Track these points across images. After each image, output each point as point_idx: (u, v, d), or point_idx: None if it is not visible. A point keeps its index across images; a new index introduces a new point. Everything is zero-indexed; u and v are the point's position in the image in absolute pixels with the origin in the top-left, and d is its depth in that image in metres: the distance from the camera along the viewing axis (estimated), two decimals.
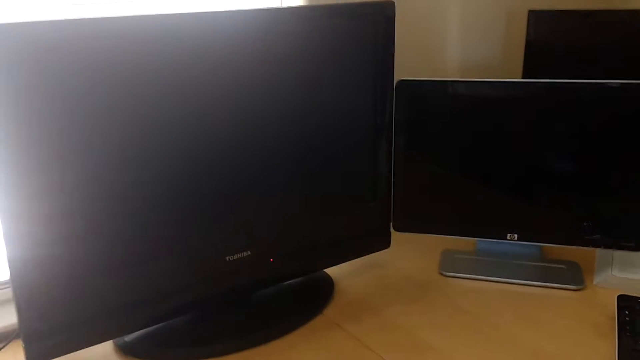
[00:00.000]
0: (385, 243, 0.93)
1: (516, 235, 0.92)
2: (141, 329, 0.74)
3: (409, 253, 1.02)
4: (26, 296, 0.64)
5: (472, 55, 1.12)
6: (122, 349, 0.76)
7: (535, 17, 1.04)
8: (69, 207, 0.64)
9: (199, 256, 0.75)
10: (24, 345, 0.65)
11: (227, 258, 0.77)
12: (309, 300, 0.85)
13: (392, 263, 0.98)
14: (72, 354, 0.70)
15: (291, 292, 0.87)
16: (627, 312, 0.77)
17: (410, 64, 1.03)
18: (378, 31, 0.81)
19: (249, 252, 0.78)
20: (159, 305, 0.73)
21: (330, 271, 0.94)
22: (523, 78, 1.07)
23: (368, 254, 0.92)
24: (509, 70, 1.13)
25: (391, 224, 0.94)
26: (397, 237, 0.95)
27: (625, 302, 0.80)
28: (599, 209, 0.87)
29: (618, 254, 0.93)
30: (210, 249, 0.75)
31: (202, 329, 0.79)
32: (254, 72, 0.72)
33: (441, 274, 0.94)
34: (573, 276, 0.91)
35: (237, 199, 0.76)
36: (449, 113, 0.90)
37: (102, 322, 0.70)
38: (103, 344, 0.75)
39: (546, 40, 1.05)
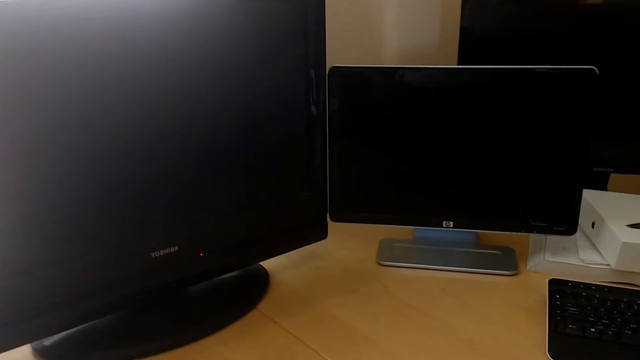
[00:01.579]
0: (322, 234, 0.91)
1: (452, 223, 0.92)
2: (61, 331, 0.70)
3: (347, 243, 1.00)
4: None
5: (409, 41, 1.11)
6: (40, 353, 0.71)
7: (470, 4, 1.04)
8: None
9: (122, 253, 0.71)
10: None
11: (153, 254, 0.73)
12: (243, 294, 0.83)
13: (329, 254, 0.97)
14: None
15: (224, 287, 0.84)
16: (557, 296, 0.78)
17: (344, 50, 1.01)
18: (307, 15, 0.78)
19: (176, 248, 0.75)
20: (79, 306, 0.69)
21: (266, 264, 0.92)
22: (458, 65, 1.07)
23: (304, 245, 0.90)
24: (445, 58, 1.13)
25: (327, 214, 0.93)
26: (334, 228, 0.94)
27: (556, 285, 0.81)
28: (532, 194, 0.88)
29: (550, 238, 0.95)
30: (133, 245, 0.71)
31: (128, 329, 0.75)
32: (180, 60, 0.68)
33: (379, 264, 0.93)
34: (507, 262, 0.92)
35: (162, 191, 0.72)
36: (383, 100, 0.88)
37: (19, 325, 0.65)
38: (20, 348, 0.71)
39: (481, 26, 1.05)
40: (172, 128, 0.70)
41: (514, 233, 0.91)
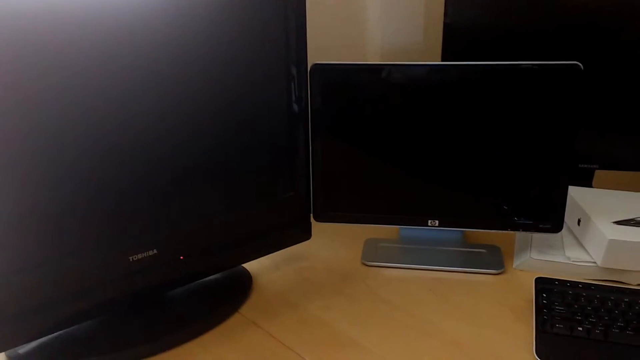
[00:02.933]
0: (305, 234, 0.89)
1: (437, 222, 0.91)
2: (36, 339, 0.67)
3: (332, 244, 0.99)
4: None
5: (393, 38, 1.10)
6: None
7: (452, 0, 1.03)
8: None
9: (99, 257, 0.68)
10: None
11: (131, 258, 0.71)
12: (225, 298, 0.81)
13: (313, 255, 0.95)
14: None
15: (206, 291, 0.82)
16: (544, 295, 0.77)
17: (328, 48, 1.00)
18: (288, 11, 0.76)
19: (155, 251, 0.73)
20: (54, 312, 0.67)
21: (249, 266, 0.90)
22: (442, 61, 1.06)
23: (288, 246, 0.88)
24: (430, 54, 1.12)
25: (311, 214, 0.91)
26: (318, 228, 0.93)
27: (542, 284, 0.80)
28: (517, 192, 0.87)
29: (536, 236, 0.94)
30: (111, 248, 0.69)
31: (106, 336, 0.73)
32: (156, 59, 0.66)
33: (363, 264, 0.92)
34: (493, 260, 0.91)
35: (140, 193, 0.70)
36: (367, 98, 0.87)
37: None
38: None
39: (464, 22, 1.03)
40: (151, 129, 0.68)
41: (500, 231, 0.90)
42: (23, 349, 0.70)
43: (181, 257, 0.76)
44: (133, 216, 0.70)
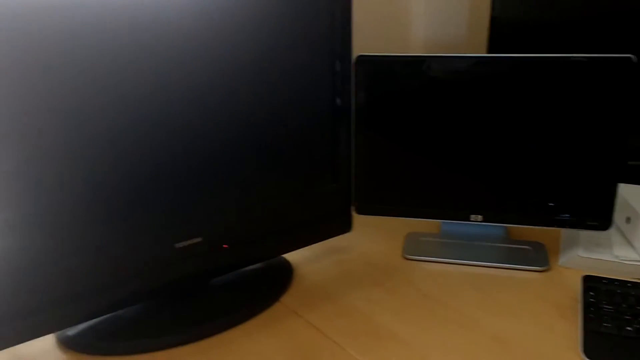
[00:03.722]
0: (346, 226, 0.89)
1: (480, 217, 0.89)
2: (85, 321, 0.70)
3: (372, 237, 0.99)
4: None
5: (437, 30, 1.09)
6: (64, 343, 0.72)
7: None
8: (4, 196, 0.59)
9: (146, 244, 0.70)
10: None
11: (177, 245, 0.72)
12: (267, 287, 0.82)
13: (353, 247, 0.95)
14: (10, 349, 0.65)
15: (248, 280, 0.83)
16: (592, 293, 0.75)
17: (371, 40, 0.99)
18: (334, 4, 0.77)
19: (200, 239, 0.74)
20: (103, 296, 0.69)
21: (290, 257, 0.91)
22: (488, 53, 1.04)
23: (329, 238, 0.89)
24: (474, 47, 1.10)
25: (352, 206, 0.91)
26: (359, 221, 0.93)
27: (590, 282, 0.78)
28: (565, 188, 0.85)
29: (584, 233, 0.92)
30: (158, 235, 0.71)
31: (152, 320, 0.75)
32: (202, 51, 0.67)
33: (404, 258, 0.91)
34: (538, 257, 0.89)
35: (187, 182, 0.71)
36: (410, 90, 0.86)
37: (43, 315, 0.65)
38: (44, 338, 0.71)
39: (511, 15, 1.01)
40: (198, 119, 0.69)
41: (545, 228, 0.88)
42: (72, 331, 0.73)
43: (225, 246, 0.77)
44: (179, 204, 0.71)
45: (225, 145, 0.73)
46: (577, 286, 0.82)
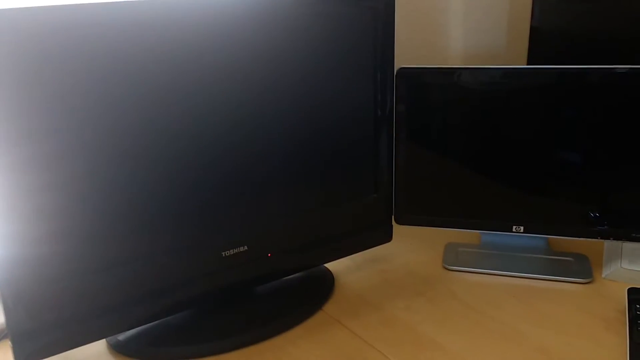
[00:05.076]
0: (387, 237, 0.90)
1: (522, 228, 0.89)
2: (135, 327, 0.72)
3: (412, 247, 0.99)
4: (14, 295, 0.61)
5: (475, 42, 1.09)
6: (115, 348, 0.74)
7: (540, 2, 1.01)
8: (59, 203, 0.62)
9: (194, 252, 0.72)
10: (12, 345, 0.63)
11: (223, 254, 0.74)
12: (309, 296, 0.83)
13: (394, 257, 0.96)
14: (63, 353, 0.68)
15: (291, 288, 0.85)
16: (638, 306, 0.75)
17: (411, 52, 1.00)
18: (378, 18, 0.78)
19: (245, 247, 0.76)
20: (152, 303, 0.71)
21: (331, 266, 0.92)
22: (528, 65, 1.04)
23: (369, 247, 0.90)
24: (514, 58, 1.10)
25: (393, 217, 0.92)
26: (399, 231, 0.93)
27: (636, 295, 0.77)
28: (608, 199, 0.84)
29: (627, 245, 0.90)
30: (205, 244, 0.73)
31: (198, 326, 0.76)
32: (251, 63, 0.69)
33: (445, 268, 0.91)
34: (581, 269, 0.88)
35: (233, 192, 0.73)
36: (451, 102, 0.87)
37: (94, 320, 0.67)
38: (95, 343, 0.73)
39: (551, 25, 1.01)
40: (242, 131, 0.71)
41: (587, 240, 0.88)
42: (122, 336, 0.75)
43: (269, 255, 0.78)
44: (226, 214, 0.73)
45: (271, 157, 0.74)
46: (622, 299, 0.81)
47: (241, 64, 0.69)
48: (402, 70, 0.87)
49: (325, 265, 0.91)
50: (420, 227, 0.94)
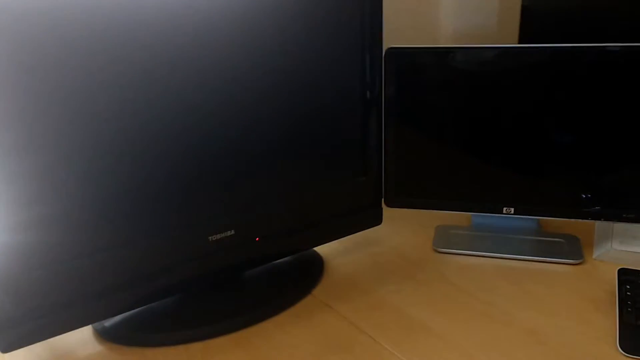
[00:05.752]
0: (376, 219, 0.89)
1: (512, 209, 0.89)
2: (121, 313, 0.71)
3: (402, 229, 0.98)
4: None
5: (466, 21, 1.08)
6: (101, 334, 0.73)
7: None
8: (42, 190, 0.60)
9: (180, 237, 0.71)
10: None
11: (210, 238, 0.73)
12: (298, 280, 0.82)
13: (384, 240, 0.95)
14: (49, 340, 0.67)
15: (279, 272, 0.84)
16: (628, 287, 0.74)
17: (401, 32, 0.99)
18: None
19: (232, 232, 0.75)
20: (138, 288, 0.70)
21: (320, 250, 0.91)
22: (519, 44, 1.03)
23: (359, 231, 0.89)
24: (504, 37, 1.09)
25: (383, 199, 0.91)
26: (389, 213, 0.92)
27: (626, 276, 0.77)
28: (598, 180, 0.84)
29: (618, 226, 0.90)
30: (191, 228, 0.71)
31: (186, 312, 0.76)
32: (236, 42, 0.68)
33: (435, 251, 0.91)
34: (572, 250, 0.88)
35: (219, 176, 0.72)
36: (441, 82, 0.85)
37: (79, 307, 0.66)
38: (81, 329, 0.73)
39: (542, 4, 1.00)
40: (228, 112, 0.70)
41: (579, 220, 0.87)
42: (109, 322, 0.74)
43: (257, 239, 0.77)
44: (212, 198, 0.72)
45: (256, 139, 0.73)
46: (613, 279, 0.80)
47: (226, 43, 0.67)
48: (391, 50, 0.85)
49: (315, 249, 0.91)
50: (410, 209, 0.93)
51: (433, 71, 0.85)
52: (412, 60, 0.85)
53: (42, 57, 0.57)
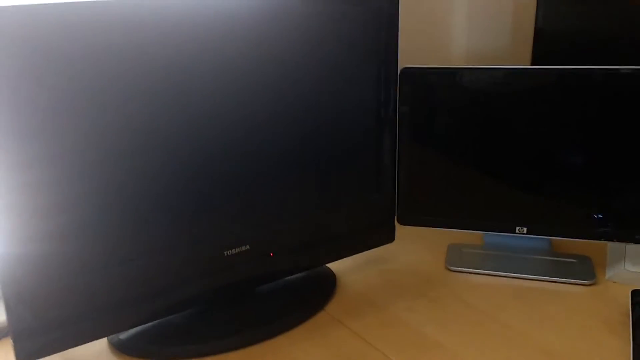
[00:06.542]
0: (389, 237, 0.90)
1: (525, 229, 0.89)
2: (136, 326, 0.72)
3: (414, 247, 0.99)
4: (15, 293, 0.61)
5: (479, 42, 1.09)
6: (116, 346, 0.73)
7: (545, 3, 1.01)
8: (62, 201, 0.62)
9: (196, 251, 0.72)
10: (13, 344, 0.63)
11: (225, 253, 0.74)
12: (311, 296, 0.83)
13: (396, 258, 0.95)
14: (65, 352, 0.68)
15: (293, 288, 0.84)
16: None
17: (415, 52, 1.00)
18: (381, 17, 0.78)
19: (247, 247, 0.76)
20: (154, 301, 0.71)
21: (333, 266, 0.91)
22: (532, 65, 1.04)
23: (372, 248, 0.89)
24: (517, 59, 1.10)
25: (396, 217, 0.92)
26: (401, 231, 0.93)
27: (639, 297, 0.76)
28: (611, 200, 0.84)
29: (631, 247, 0.90)
30: (207, 243, 0.72)
31: (200, 325, 0.76)
32: (253, 62, 0.69)
33: (447, 269, 0.91)
34: (584, 271, 0.88)
35: (236, 191, 0.73)
36: (455, 102, 0.86)
37: (96, 319, 0.67)
38: (97, 341, 0.73)
39: (556, 26, 1.01)
40: (244, 129, 0.71)
41: (591, 241, 0.87)
42: (124, 335, 0.74)
43: (271, 254, 0.78)
44: (228, 214, 0.73)
45: (272, 157, 0.74)
46: (626, 301, 0.80)
47: (243, 63, 0.69)
48: (406, 70, 0.86)
49: (328, 265, 0.91)
50: (423, 227, 0.93)
51: (446, 91, 0.86)
52: (426, 80, 0.86)
53: (64, 71, 0.58)
